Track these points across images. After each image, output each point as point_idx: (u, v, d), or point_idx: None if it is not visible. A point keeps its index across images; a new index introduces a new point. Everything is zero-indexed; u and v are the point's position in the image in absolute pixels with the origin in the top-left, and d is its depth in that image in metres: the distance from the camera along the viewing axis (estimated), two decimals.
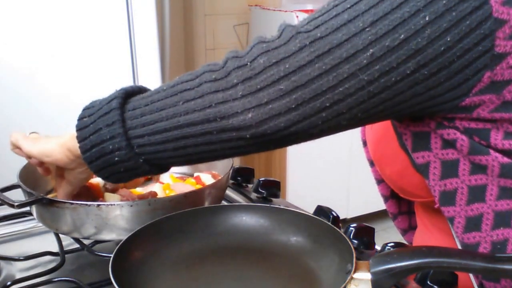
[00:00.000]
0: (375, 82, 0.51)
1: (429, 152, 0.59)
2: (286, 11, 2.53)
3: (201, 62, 2.80)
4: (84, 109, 0.64)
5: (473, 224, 0.58)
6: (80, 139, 0.62)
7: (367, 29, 0.50)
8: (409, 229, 0.88)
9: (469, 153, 0.57)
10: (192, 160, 0.61)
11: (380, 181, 0.85)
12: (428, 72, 0.51)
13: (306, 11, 2.50)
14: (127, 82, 1.57)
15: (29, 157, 0.72)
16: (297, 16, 2.43)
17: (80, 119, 0.63)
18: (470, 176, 0.58)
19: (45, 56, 1.47)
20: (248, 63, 0.54)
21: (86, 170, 0.69)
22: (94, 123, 0.61)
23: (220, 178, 0.81)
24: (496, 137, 0.56)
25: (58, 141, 0.68)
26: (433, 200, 0.62)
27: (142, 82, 1.59)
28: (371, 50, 0.50)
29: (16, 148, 0.72)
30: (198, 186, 0.83)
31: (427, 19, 0.49)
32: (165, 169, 0.65)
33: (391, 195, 0.86)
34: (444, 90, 0.52)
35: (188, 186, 0.83)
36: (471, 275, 0.63)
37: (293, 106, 0.52)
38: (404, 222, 0.88)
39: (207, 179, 0.85)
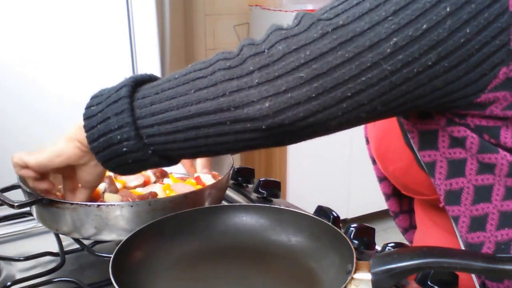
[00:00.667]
0: (398, 73, 0.50)
1: (435, 151, 0.59)
2: (286, 11, 2.53)
3: None
4: (92, 98, 0.62)
5: (478, 224, 0.58)
6: (88, 128, 0.60)
7: (390, 18, 0.49)
8: (410, 228, 0.88)
9: (478, 151, 0.56)
10: (202, 152, 0.59)
11: (382, 179, 0.85)
12: (448, 64, 0.50)
13: (306, 11, 2.49)
14: None
15: (38, 177, 0.68)
16: None
17: (88, 107, 0.61)
18: (477, 175, 0.57)
19: (45, 56, 1.47)
20: (266, 50, 0.52)
21: (97, 165, 0.66)
22: (102, 112, 0.59)
23: (220, 178, 0.80)
24: (506, 135, 0.55)
25: (65, 136, 0.65)
26: (437, 198, 0.62)
27: None
28: (394, 39, 0.49)
29: (23, 168, 0.68)
30: (198, 187, 0.83)
31: (448, 10, 0.49)
32: (175, 161, 0.62)
33: (392, 194, 0.86)
34: (462, 85, 0.52)
35: (188, 187, 0.83)
36: (473, 276, 0.63)
37: (313, 95, 0.50)
38: (405, 221, 0.88)
39: (207, 179, 0.85)
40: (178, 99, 0.55)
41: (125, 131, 0.57)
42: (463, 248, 0.60)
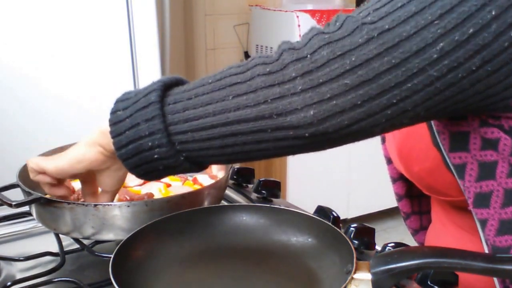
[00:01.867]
0: (443, 78, 0.49)
1: (466, 153, 0.58)
2: (286, 11, 2.53)
3: (201, 62, 2.80)
4: (117, 102, 0.59)
5: (507, 227, 0.57)
6: (115, 134, 0.58)
7: (436, 21, 0.48)
8: (421, 229, 0.87)
9: (510, 153, 0.55)
10: (237, 159, 0.58)
11: (396, 179, 0.84)
12: (491, 68, 0.49)
13: (306, 11, 2.49)
14: (127, 82, 1.57)
15: (55, 182, 0.67)
16: (297, 16, 2.42)
17: (114, 112, 0.58)
18: (507, 178, 0.56)
19: (45, 56, 1.47)
20: (308, 55, 0.50)
21: (122, 166, 0.65)
22: (130, 118, 0.57)
23: (219, 178, 0.80)
24: None
25: (86, 141, 0.64)
26: (462, 200, 0.61)
27: (142, 82, 1.59)
28: (441, 44, 0.48)
29: (39, 173, 0.67)
30: (196, 187, 0.82)
31: (493, 13, 0.48)
32: (205, 167, 0.61)
33: (405, 194, 0.85)
34: (502, 88, 0.51)
35: (186, 188, 0.83)
36: (495, 279, 0.62)
37: (359, 102, 0.49)
38: (416, 222, 0.87)
39: (204, 179, 0.85)
40: (215, 105, 0.54)
41: (156, 137, 0.55)
42: (486, 251, 0.59)
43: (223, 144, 0.55)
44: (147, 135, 0.56)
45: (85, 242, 0.75)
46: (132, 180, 0.83)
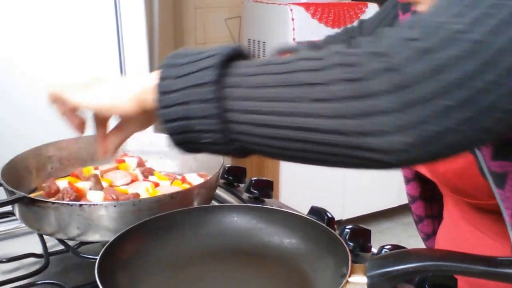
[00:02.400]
0: None
1: (509, 163, 0.55)
2: (279, 4, 2.51)
3: None
4: (166, 66, 0.53)
5: None
6: (162, 105, 0.52)
7: None
8: (433, 234, 0.85)
9: None
10: (295, 160, 0.52)
11: (409, 179, 0.83)
12: None
13: (300, 4, 2.47)
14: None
15: (72, 110, 0.63)
16: (291, 10, 2.40)
17: (163, 78, 0.53)
18: None
19: (44, 56, 1.45)
20: (399, 68, 0.43)
21: (147, 122, 0.62)
22: (180, 92, 0.51)
23: (209, 177, 0.79)
24: None
25: (128, 93, 0.58)
26: (490, 204, 0.59)
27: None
28: None
29: (57, 101, 0.63)
30: (184, 186, 0.81)
31: None
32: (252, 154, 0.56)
33: (419, 196, 0.83)
34: None
35: (174, 187, 0.81)
36: None
37: (456, 127, 0.42)
38: (429, 227, 0.85)
39: (194, 178, 0.83)
40: (281, 104, 0.47)
41: (208, 122, 0.50)
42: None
43: (283, 146, 0.49)
44: (199, 116, 0.51)
45: (70, 243, 0.75)
46: (119, 179, 0.83)
